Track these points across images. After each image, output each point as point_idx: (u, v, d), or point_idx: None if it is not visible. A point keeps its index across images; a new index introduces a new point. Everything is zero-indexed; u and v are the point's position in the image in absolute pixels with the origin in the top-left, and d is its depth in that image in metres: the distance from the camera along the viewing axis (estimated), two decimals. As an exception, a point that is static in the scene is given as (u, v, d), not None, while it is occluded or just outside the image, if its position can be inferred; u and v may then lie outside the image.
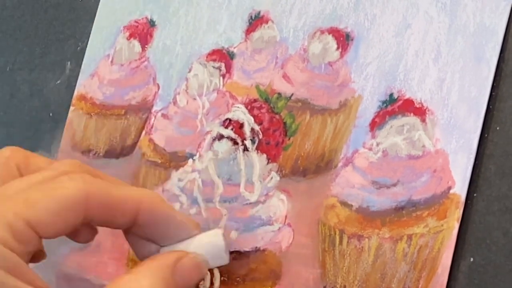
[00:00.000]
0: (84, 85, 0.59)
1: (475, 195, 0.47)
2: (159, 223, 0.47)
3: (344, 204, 0.50)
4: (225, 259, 0.49)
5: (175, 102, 0.56)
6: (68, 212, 0.43)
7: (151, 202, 0.47)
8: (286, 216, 0.51)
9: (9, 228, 0.41)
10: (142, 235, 0.48)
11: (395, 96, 0.50)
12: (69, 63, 0.61)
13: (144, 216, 0.47)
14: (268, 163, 0.52)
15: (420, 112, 0.49)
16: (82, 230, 0.48)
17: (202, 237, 0.48)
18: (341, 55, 0.52)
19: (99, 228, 0.56)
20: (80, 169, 0.46)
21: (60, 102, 0.60)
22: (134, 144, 0.57)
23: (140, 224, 0.47)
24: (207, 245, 0.48)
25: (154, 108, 0.57)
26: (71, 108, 0.59)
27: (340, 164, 0.51)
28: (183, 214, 0.50)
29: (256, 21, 0.55)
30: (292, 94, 0.53)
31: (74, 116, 0.58)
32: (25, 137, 0.53)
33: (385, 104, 0.50)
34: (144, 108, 0.57)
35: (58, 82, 0.60)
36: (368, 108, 0.50)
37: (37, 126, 0.59)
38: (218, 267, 0.51)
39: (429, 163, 0.48)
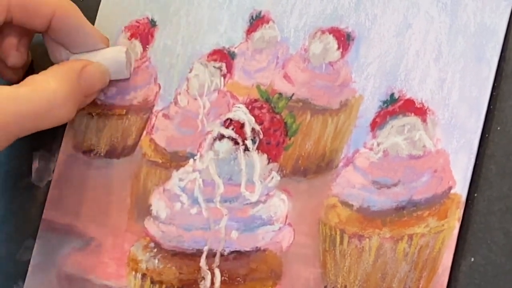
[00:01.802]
0: (85, 85, 0.59)
1: (475, 195, 0.47)
2: (70, 29, 0.55)
3: (345, 204, 0.50)
4: (125, 74, 0.57)
5: (176, 102, 0.56)
6: None
7: (66, 9, 0.54)
8: (286, 216, 0.51)
9: None
10: (56, 39, 0.55)
11: (396, 96, 0.50)
12: (70, 63, 0.61)
13: (57, 21, 0.54)
14: (268, 163, 0.52)
15: (421, 112, 0.49)
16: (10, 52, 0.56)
17: (107, 51, 0.56)
18: (342, 55, 0.52)
19: (99, 228, 0.56)
20: None
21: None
22: (135, 144, 0.57)
23: (53, 28, 0.54)
24: (111, 59, 0.56)
25: (155, 108, 0.57)
26: (72, 108, 0.59)
27: (340, 164, 0.51)
28: (93, 27, 0.57)
29: (257, 21, 0.55)
30: (293, 94, 0.53)
31: (75, 116, 0.58)
32: (26, 137, 0.52)
33: (386, 104, 0.50)
34: (145, 108, 0.57)
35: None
36: (369, 108, 0.50)
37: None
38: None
39: (429, 163, 0.48)
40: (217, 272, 0.52)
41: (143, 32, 0.58)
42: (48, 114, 0.50)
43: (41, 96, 0.50)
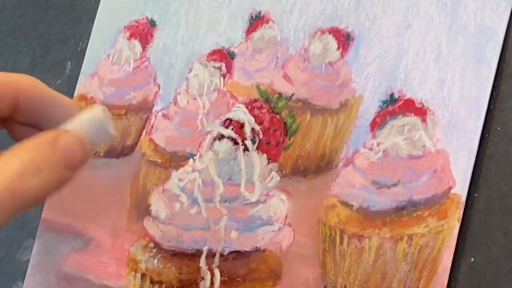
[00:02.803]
0: (85, 85, 0.59)
1: (475, 195, 0.47)
2: (40, 104, 0.48)
3: (345, 204, 0.50)
4: (109, 134, 0.47)
5: (175, 102, 0.56)
6: None
7: (30, 84, 0.47)
8: (286, 216, 0.51)
9: None
10: (24, 121, 0.48)
11: (396, 96, 0.50)
12: (69, 63, 0.61)
13: (24, 99, 0.47)
14: (268, 163, 0.52)
15: (421, 112, 0.49)
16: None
17: (81, 115, 0.47)
18: (342, 55, 0.52)
19: (99, 228, 0.56)
20: None
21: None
22: (135, 144, 0.57)
23: (20, 108, 0.47)
24: (88, 121, 0.47)
25: (155, 108, 0.57)
26: (72, 108, 0.59)
27: (340, 164, 0.51)
28: (63, 95, 0.49)
29: (256, 21, 0.55)
30: (292, 94, 0.53)
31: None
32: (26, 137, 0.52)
33: (385, 104, 0.50)
34: (144, 108, 0.57)
35: (59, 82, 0.60)
36: (369, 108, 0.50)
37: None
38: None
39: (429, 163, 0.48)
40: (216, 272, 0.52)
41: (143, 32, 0.58)
42: (23, 187, 0.45)
43: (10, 170, 0.45)
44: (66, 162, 0.47)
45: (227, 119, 0.54)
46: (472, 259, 0.47)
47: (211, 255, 0.52)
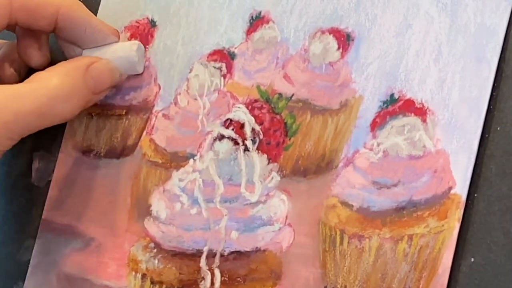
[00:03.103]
0: (85, 85, 0.59)
1: (475, 195, 0.47)
2: (76, 27, 0.54)
3: (345, 204, 0.50)
4: (137, 70, 0.56)
5: (176, 103, 0.56)
6: None
7: (69, 6, 0.54)
8: (286, 216, 0.51)
9: None
10: (65, 38, 0.55)
11: (396, 96, 0.50)
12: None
13: (63, 19, 0.53)
14: (268, 163, 0.52)
15: (421, 112, 0.49)
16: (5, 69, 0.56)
17: (118, 46, 0.56)
18: (342, 55, 0.52)
19: (99, 229, 0.56)
20: None
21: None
22: (135, 144, 0.57)
23: (60, 27, 0.54)
24: (121, 55, 0.55)
25: (155, 108, 0.57)
26: (72, 108, 0.59)
27: (340, 164, 0.51)
28: (101, 21, 0.56)
29: (257, 21, 0.55)
30: (293, 95, 0.53)
31: (75, 116, 0.58)
32: (27, 137, 0.52)
33: (385, 104, 0.50)
34: (145, 108, 0.57)
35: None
36: (369, 108, 0.50)
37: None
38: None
39: (429, 163, 0.48)
40: (217, 272, 0.52)
41: (143, 32, 0.58)
42: (51, 111, 0.50)
43: (42, 93, 0.50)
44: (94, 88, 0.53)
45: (227, 119, 0.54)
46: (472, 259, 0.47)
47: (211, 255, 0.52)
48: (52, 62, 0.56)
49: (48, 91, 0.50)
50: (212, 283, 0.52)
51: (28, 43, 0.56)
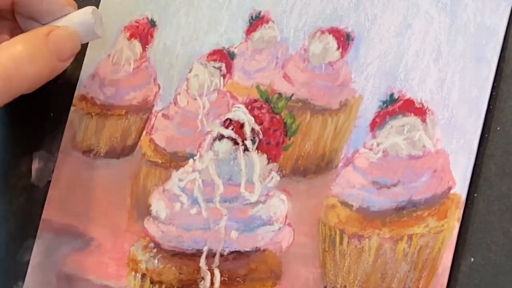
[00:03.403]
0: (85, 85, 0.59)
1: (475, 195, 0.47)
2: (33, 2, 0.55)
3: (345, 204, 0.50)
4: (97, 34, 0.56)
5: (175, 102, 0.56)
6: None
7: None
8: (286, 216, 0.51)
9: None
10: (23, 13, 0.56)
11: (396, 96, 0.50)
12: (69, 63, 0.62)
13: None
14: (268, 163, 0.52)
15: (421, 112, 0.49)
16: None
17: (73, 14, 0.56)
18: (342, 55, 0.52)
19: (99, 229, 0.56)
20: None
21: (60, 103, 0.60)
22: (135, 144, 0.57)
23: (17, 1, 0.55)
24: (78, 21, 0.55)
25: (155, 108, 0.57)
26: (72, 108, 0.59)
27: (340, 164, 0.51)
28: None
29: (256, 21, 0.55)
30: (292, 94, 0.53)
31: (75, 116, 0.58)
32: (26, 137, 0.53)
33: (385, 104, 0.50)
34: (144, 108, 0.57)
35: (59, 82, 0.60)
36: (369, 108, 0.50)
37: (37, 126, 0.59)
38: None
39: (429, 163, 0.48)
40: (216, 272, 0.52)
41: (143, 32, 0.58)
42: (18, 73, 0.51)
43: (6, 58, 0.51)
44: (58, 53, 0.54)
45: (227, 119, 0.54)
46: (472, 259, 0.47)
47: (211, 255, 0.52)
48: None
49: (12, 54, 0.51)
50: (212, 283, 0.52)
51: (4, 38, 0.56)
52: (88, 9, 0.55)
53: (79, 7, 0.55)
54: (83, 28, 0.55)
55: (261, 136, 0.53)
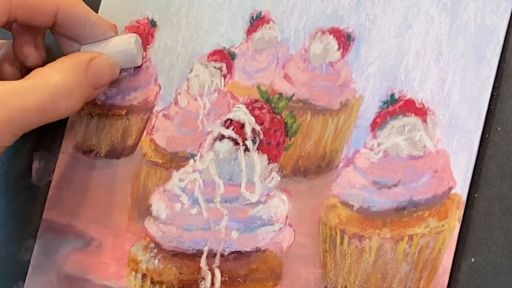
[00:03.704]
0: (85, 85, 0.59)
1: (476, 195, 0.47)
2: (76, 22, 0.54)
3: (345, 204, 0.50)
4: (136, 62, 0.57)
5: (176, 103, 0.56)
6: None
7: (69, 2, 0.54)
8: (287, 216, 0.51)
9: None
10: (64, 34, 0.55)
11: (396, 96, 0.50)
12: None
13: (62, 15, 0.53)
14: (269, 163, 0.52)
15: (421, 112, 0.49)
16: (29, 54, 0.56)
17: (116, 41, 0.56)
18: (342, 55, 0.52)
19: (99, 229, 0.56)
20: None
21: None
22: (135, 144, 0.57)
23: (59, 23, 0.54)
24: (120, 49, 0.56)
25: (156, 109, 0.57)
26: (72, 108, 0.59)
27: (341, 165, 0.51)
28: (99, 16, 0.56)
29: (257, 21, 0.55)
30: (293, 95, 0.53)
31: (76, 116, 0.58)
32: (27, 137, 0.53)
33: (386, 105, 0.50)
34: (145, 109, 0.57)
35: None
36: (369, 108, 0.50)
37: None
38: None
39: (430, 164, 0.48)
40: (217, 272, 0.52)
41: (144, 32, 0.58)
42: (53, 107, 0.50)
43: (44, 90, 0.50)
44: (95, 83, 0.54)
45: (227, 119, 0.54)
46: (473, 259, 0.47)
47: (211, 255, 0.52)
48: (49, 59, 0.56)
49: (50, 87, 0.50)
50: (213, 283, 0.52)
51: (24, 42, 0.56)
52: (131, 38, 0.56)
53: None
54: (124, 56, 0.56)
55: (261, 136, 0.52)
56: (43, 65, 0.54)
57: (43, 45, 0.57)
